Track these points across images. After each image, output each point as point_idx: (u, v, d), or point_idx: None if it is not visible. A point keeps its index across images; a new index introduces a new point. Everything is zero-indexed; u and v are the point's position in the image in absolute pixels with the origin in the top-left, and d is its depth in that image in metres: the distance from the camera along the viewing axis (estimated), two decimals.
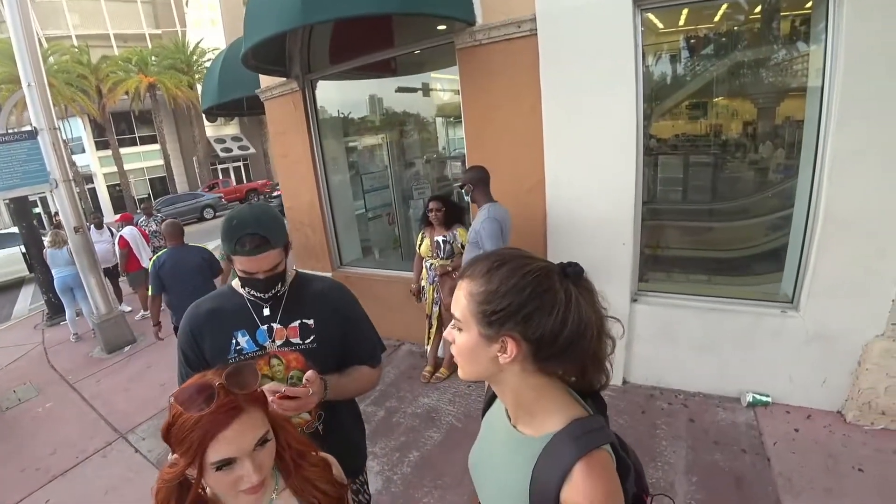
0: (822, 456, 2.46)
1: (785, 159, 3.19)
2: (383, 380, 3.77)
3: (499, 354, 0.76)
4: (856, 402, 2.62)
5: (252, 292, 1.31)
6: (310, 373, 1.17)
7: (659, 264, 3.61)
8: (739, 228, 3.59)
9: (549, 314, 0.72)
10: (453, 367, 3.69)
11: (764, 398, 2.87)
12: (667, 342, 3.11)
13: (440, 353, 3.78)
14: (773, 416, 2.81)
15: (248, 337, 1.31)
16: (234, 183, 25.25)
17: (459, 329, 0.80)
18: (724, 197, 3.73)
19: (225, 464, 0.76)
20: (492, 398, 0.99)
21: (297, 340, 1.31)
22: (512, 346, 0.74)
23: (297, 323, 1.32)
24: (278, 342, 1.31)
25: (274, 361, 1.30)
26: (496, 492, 0.87)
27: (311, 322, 1.32)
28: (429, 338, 3.71)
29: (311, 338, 1.32)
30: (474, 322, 0.77)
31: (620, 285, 3.07)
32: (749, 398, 2.89)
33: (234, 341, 1.30)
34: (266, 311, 1.32)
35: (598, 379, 0.83)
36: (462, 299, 0.79)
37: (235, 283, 1.37)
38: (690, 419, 2.88)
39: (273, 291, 1.29)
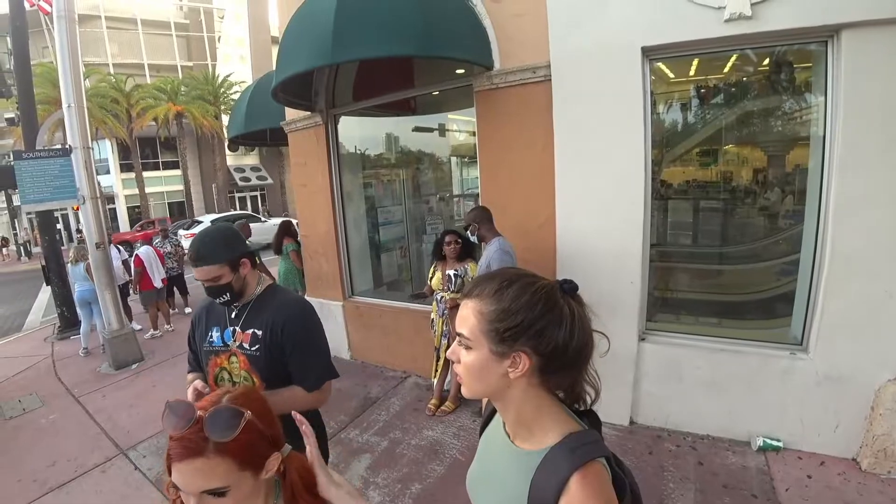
0: None
1: (794, 205, 3.26)
2: (388, 410, 3.75)
3: (509, 370, 0.78)
4: (870, 448, 2.55)
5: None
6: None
7: (669, 306, 3.61)
8: (749, 272, 3.61)
9: (559, 328, 0.76)
10: (459, 401, 3.66)
11: (775, 443, 2.81)
12: (674, 382, 3.09)
13: (446, 385, 3.77)
14: (785, 461, 2.75)
15: (219, 334, 1.56)
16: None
17: (468, 347, 0.81)
18: (734, 241, 3.77)
19: (178, 488, 0.77)
20: (489, 417, 1.01)
21: (246, 346, 1.50)
22: (525, 360, 0.76)
23: (250, 331, 1.51)
24: (237, 343, 1.52)
25: (233, 358, 1.52)
26: None
27: (259, 333, 1.50)
28: (436, 370, 3.70)
29: (257, 346, 1.49)
30: (485, 340, 0.78)
31: (628, 323, 3.08)
32: (760, 442, 2.83)
33: (210, 334, 1.57)
34: (233, 315, 1.56)
35: (588, 391, 0.84)
36: (471, 318, 0.80)
37: None
38: (699, 462, 2.82)
39: (221, 299, 1.50)
